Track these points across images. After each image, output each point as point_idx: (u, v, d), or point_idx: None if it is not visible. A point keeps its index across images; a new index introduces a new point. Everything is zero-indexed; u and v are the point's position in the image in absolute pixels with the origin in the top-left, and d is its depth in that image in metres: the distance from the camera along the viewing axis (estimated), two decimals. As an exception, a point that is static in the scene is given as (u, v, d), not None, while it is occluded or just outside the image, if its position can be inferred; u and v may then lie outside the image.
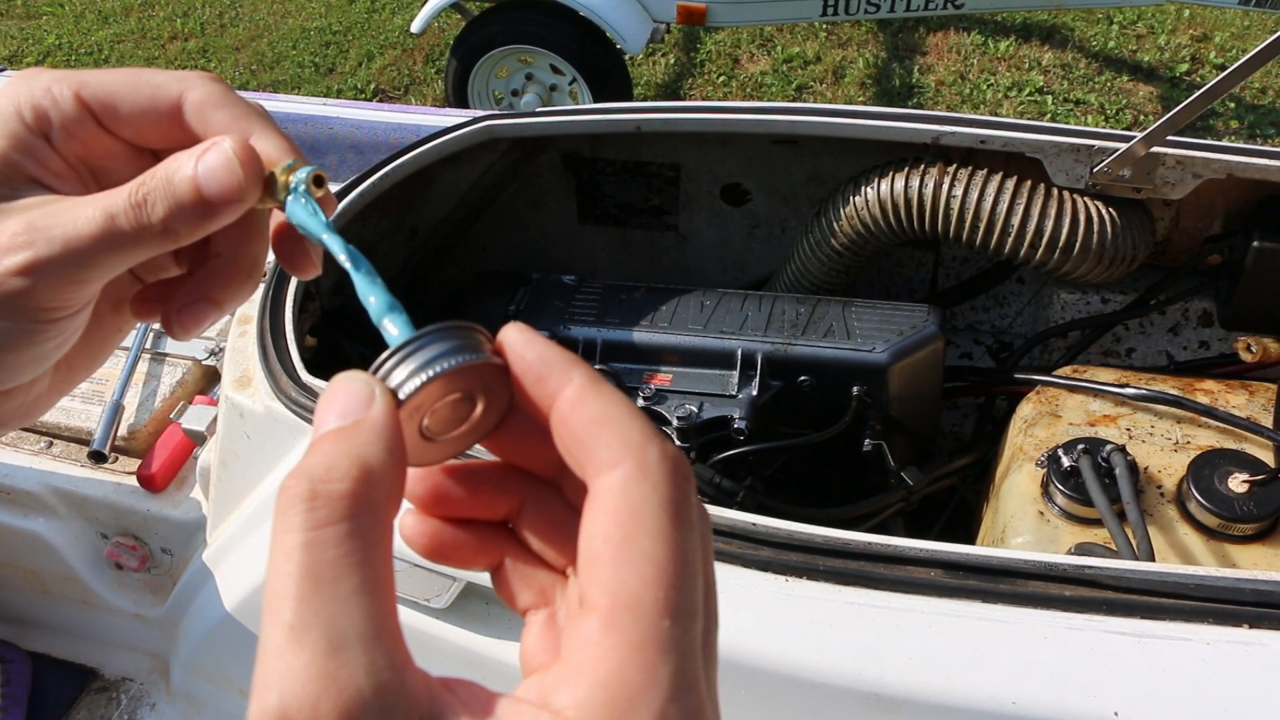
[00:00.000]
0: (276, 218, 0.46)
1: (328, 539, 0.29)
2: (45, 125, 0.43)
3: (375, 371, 0.35)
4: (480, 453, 0.38)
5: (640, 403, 1.28)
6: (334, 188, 1.31)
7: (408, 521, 0.36)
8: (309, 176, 0.43)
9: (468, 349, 0.35)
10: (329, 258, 0.43)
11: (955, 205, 1.32)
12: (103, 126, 0.44)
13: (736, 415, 1.23)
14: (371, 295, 0.40)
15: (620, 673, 0.29)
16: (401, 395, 0.35)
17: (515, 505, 0.37)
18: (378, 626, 0.28)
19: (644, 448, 0.32)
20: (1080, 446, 1.09)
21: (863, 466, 1.31)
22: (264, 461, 1.14)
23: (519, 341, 0.35)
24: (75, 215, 0.41)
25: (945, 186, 1.32)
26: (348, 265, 0.41)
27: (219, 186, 0.41)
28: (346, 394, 0.33)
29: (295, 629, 0.27)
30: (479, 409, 0.37)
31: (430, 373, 0.35)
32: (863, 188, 1.38)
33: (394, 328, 0.38)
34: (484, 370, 0.35)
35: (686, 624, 0.30)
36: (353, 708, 0.27)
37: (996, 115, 3.30)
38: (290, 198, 0.43)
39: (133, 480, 1.49)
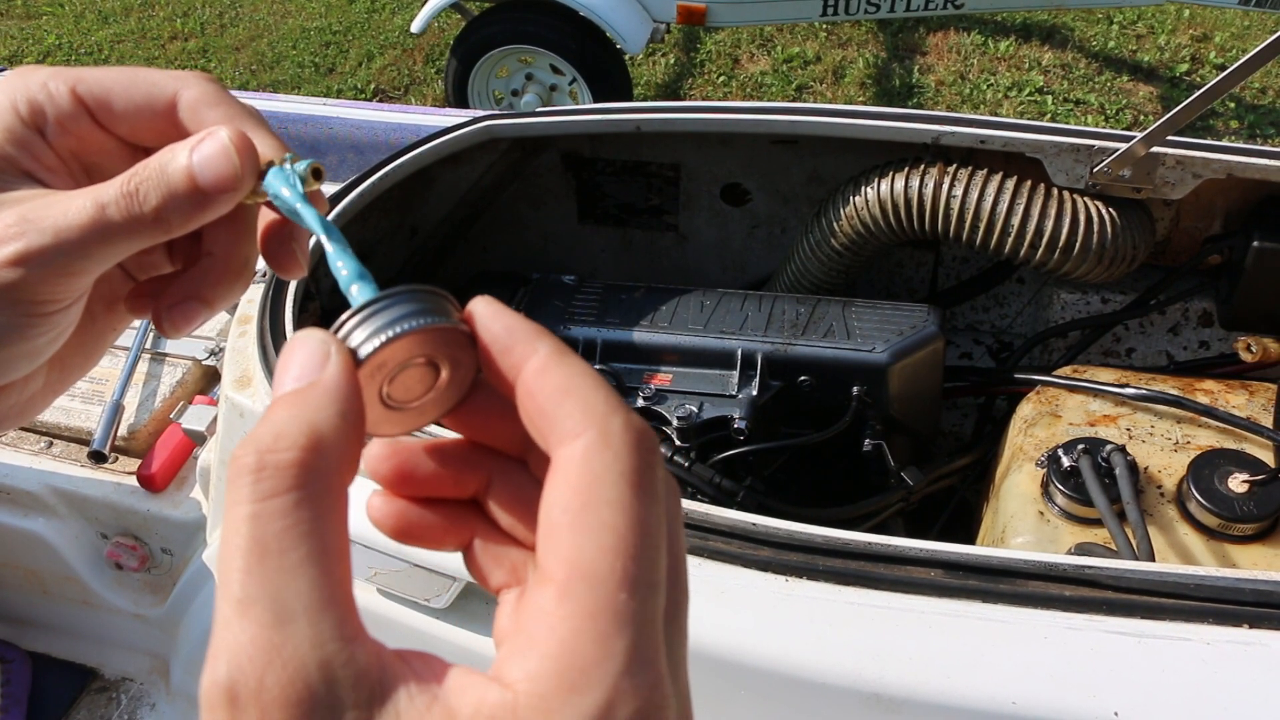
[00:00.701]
0: (265, 216, 0.46)
1: (274, 510, 0.29)
2: (40, 120, 0.43)
3: (336, 331, 0.34)
4: (441, 433, 0.38)
5: (640, 403, 1.28)
6: (334, 188, 1.32)
7: (375, 503, 0.36)
8: (308, 168, 0.42)
9: (434, 312, 0.35)
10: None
11: (955, 205, 1.32)
12: (97, 123, 0.44)
13: (736, 415, 1.23)
14: (341, 262, 0.39)
15: (572, 643, 0.28)
16: (361, 354, 0.34)
17: (483, 483, 0.37)
18: (325, 597, 0.28)
19: (607, 417, 0.31)
20: (1080, 446, 1.09)
21: (863, 466, 1.31)
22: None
23: (486, 313, 0.35)
24: (67, 207, 0.41)
25: (945, 186, 1.32)
26: (321, 234, 0.41)
27: (214, 175, 0.41)
28: (303, 354, 0.33)
29: (242, 602, 0.27)
30: (444, 377, 0.36)
31: (391, 332, 0.34)
32: (863, 188, 1.38)
33: (361, 295, 0.38)
34: (449, 335, 0.35)
35: (646, 596, 0.29)
36: (297, 680, 0.27)
37: (996, 115, 3.30)
38: (273, 168, 0.42)
39: (133, 480, 1.49)
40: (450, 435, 0.37)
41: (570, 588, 0.29)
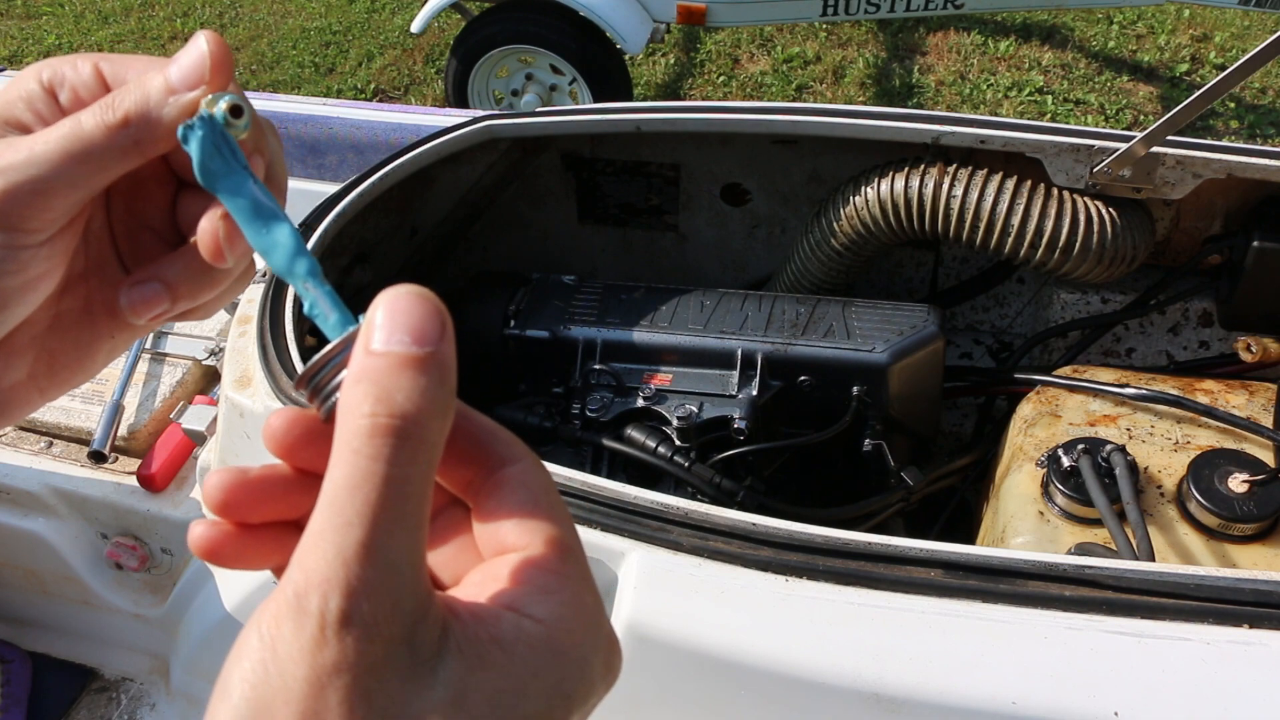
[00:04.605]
0: None
1: (410, 478, 0.33)
2: (57, 85, 0.45)
3: (321, 370, 0.37)
4: (273, 461, 0.40)
5: (640, 403, 1.28)
6: (334, 188, 1.32)
7: (196, 531, 0.38)
8: (227, 105, 0.41)
9: None
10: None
11: (955, 205, 1.32)
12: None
13: (736, 415, 1.23)
14: (301, 255, 0.40)
15: (581, 594, 0.37)
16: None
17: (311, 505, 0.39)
18: (422, 556, 0.34)
19: (527, 449, 0.39)
20: (1080, 446, 1.09)
21: (863, 466, 1.31)
22: (264, 461, 1.14)
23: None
24: (46, 131, 0.43)
25: (945, 186, 1.32)
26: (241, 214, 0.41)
27: (181, 72, 0.43)
28: (421, 315, 0.34)
29: (366, 547, 0.32)
30: None
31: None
32: (863, 188, 1.38)
33: (315, 290, 0.39)
34: None
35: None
36: (399, 620, 0.32)
37: (996, 115, 3.30)
38: (198, 119, 0.41)
39: (133, 480, 1.49)
40: (280, 464, 0.39)
41: (567, 555, 0.37)
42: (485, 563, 0.38)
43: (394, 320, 0.34)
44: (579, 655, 0.36)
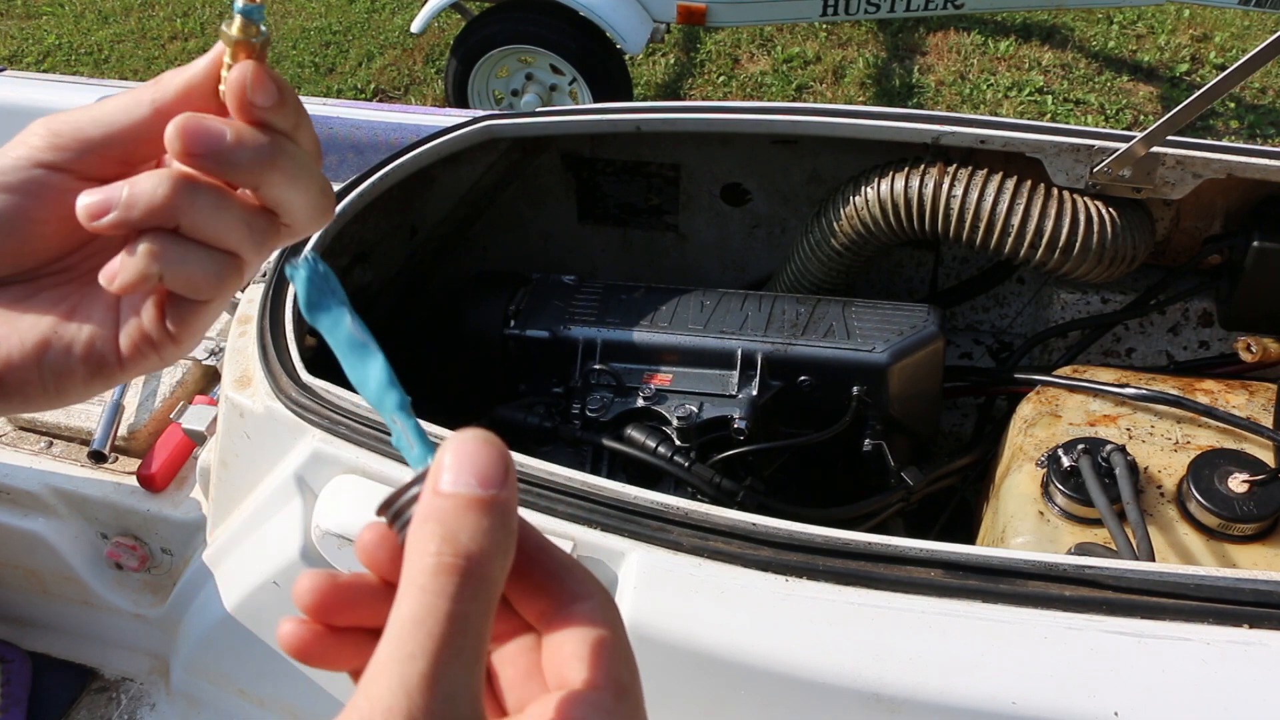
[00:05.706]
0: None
1: (469, 615, 0.35)
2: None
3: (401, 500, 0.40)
4: (361, 569, 0.41)
5: (640, 403, 1.28)
6: (334, 188, 1.31)
7: (285, 629, 0.40)
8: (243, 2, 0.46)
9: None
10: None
11: (955, 205, 1.32)
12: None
13: (736, 415, 1.23)
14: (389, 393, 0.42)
15: None
16: None
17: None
18: (480, 688, 0.35)
19: (601, 586, 0.41)
20: (1080, 446, 1.09)
21: (863, 466, 1.31)
22: (264, 461, 1.14)
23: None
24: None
25: (945, 186, 1.32)
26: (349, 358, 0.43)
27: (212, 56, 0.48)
28: (489, 460, 0.37)
29: (428, 678, 0.34)
30: None
31: None
32: (863, 188, 1.38)
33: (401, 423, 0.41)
34: None
35: None
36: None
37: (996, 115, 3.30)
38: (300, 268, 0.44)
39: (133, 480, 1.49)
40: (368, 574, 0.41)
41: (624, 697, 0.38)
42: (547, 695, 0.39)
43: (461, 463, 0.37)
44: None
